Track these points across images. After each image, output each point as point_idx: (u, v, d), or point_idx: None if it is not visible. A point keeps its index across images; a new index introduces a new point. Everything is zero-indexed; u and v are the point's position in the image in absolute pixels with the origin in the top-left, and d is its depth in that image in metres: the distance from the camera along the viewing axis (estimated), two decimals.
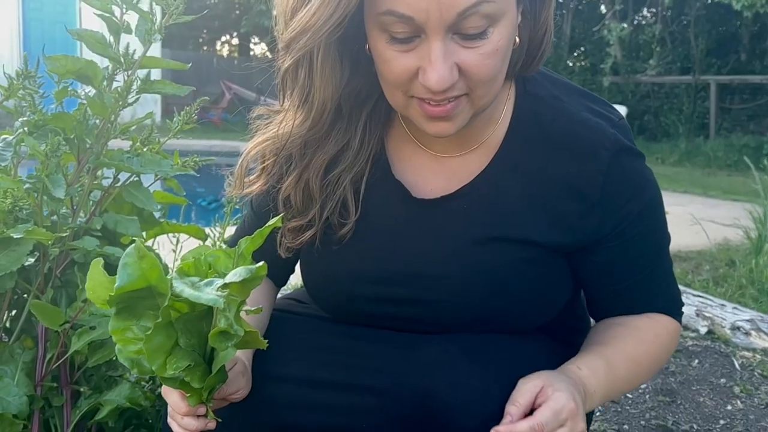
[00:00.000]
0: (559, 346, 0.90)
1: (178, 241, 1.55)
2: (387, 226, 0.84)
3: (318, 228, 0.85)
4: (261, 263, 0.61)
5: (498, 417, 0.73)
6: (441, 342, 0.80)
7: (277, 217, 0.67)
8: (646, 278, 0.85)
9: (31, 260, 1.04)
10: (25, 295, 1.02)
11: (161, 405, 1.12)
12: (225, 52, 20.25)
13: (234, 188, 0.89)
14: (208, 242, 1.35)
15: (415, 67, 0.70)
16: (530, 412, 0.71)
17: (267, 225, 0.65)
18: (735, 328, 2.11)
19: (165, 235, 1.28)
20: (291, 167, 0.85)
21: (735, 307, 2.25)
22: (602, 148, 0.79)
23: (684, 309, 0.92)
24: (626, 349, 0.84)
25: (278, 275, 0.97)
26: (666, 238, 0.88)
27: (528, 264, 0.81)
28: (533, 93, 0.83)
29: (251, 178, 0.88)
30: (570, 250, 0.82)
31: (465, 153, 0.84)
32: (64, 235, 0.94)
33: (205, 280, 0.62)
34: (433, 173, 0.85)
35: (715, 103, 10.11)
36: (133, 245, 0.61)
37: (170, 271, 1.27)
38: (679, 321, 0.90)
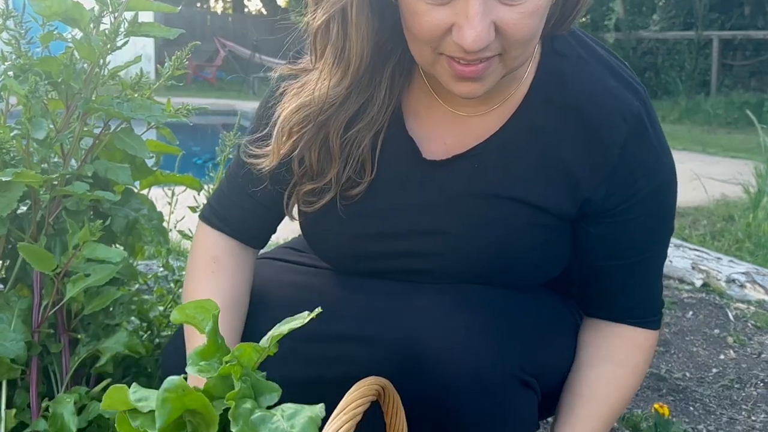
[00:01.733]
0: (553, 296, 0.90)
1: (173, 193, 1.54)
2: (395, 185, 0.82)
3: (337, 191, 0.81)
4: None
5: (484, 366, 0.73)
6: (431, 292, 0.80)
7: None
8: (636, 264, 0.83)
9: (24, 208, 1.03)
10: (19, 244, 1.01)
11: (160, 354, 1.13)
12: (219, 8, 19.85)
13: (271, 158, 0.82)
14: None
15: (448, 22, 0.66)
16: None
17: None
18: (730, 281, 2.13)
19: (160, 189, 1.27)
20: (309, 126, 0.80)
21: (731, 260, 2.26)
22: (623, 121, 0.76)
23: (680, 262, 0.92)
24: (609, 406, 0.84)
25: (261, 236, 0.94)
26: (668, 230, 0.85)
27: (534, 228, 0.80)
28: (560, 52, 0.80)
29: (276, 145, 0.81)
30: (574, 218, 0.81)
31: (484, 113, 0.80)
32: (55, 181, 0.93)
33: (258, 414, 0.54)
34: (449, 129, 0.82)
35: (717, 60, 9.97)
36: (173, 379, 0.54)
37: (167, 224, 1.26)
38: (658, 327, 0.89)
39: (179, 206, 1.61)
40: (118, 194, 1.04)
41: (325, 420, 0.51)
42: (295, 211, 0.88)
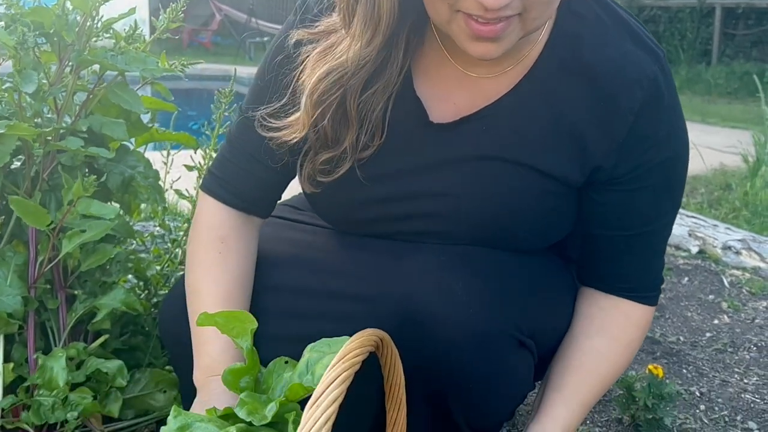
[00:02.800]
0: (553, 259, 0.90)
1: (168, 153, 1.53)
2: (401, 148, 0.80)
3: (354, 158, 0.78)
4: None
5: (482, 325, 0.73)
6: (430, 251, 0.79)
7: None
8: (637, 237, 0.82)
9: (17, 164, 1.02)
10: (11, 198, 1.00)
11: (157, 313, 1.13)
12: None
13: (300, 128, 0.78)
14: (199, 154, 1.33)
15: None
16: None
17: None
18: (726, 248, 2.13)
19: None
20: (339, 92, 0.76)
21: (728, 228, 2.26)
22: (639, 87, 0.74)
23: (676, 229, 0.91)
24: (600, 377, 0.84)
25: (268, 204, 0.90)
26: (674, 205, 0.83)
27: (540, 194, 0.78)
28: (578, 13, 0.76)
29: (305, 115, 0.77)
30: (581, 186, 0.79)
31: (496, 75, 0.78)
32: (49, 136, 0.92)
33: None
34: (459, 90, 0.79)
35: (719, 29, 9.85)
36: None
37: (163, 184, 1.25)
38: (655, 304, 0.88)
39: (175, 168, 1.60)
40: (113, 151, 1.02)
41: None
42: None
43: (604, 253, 0.85)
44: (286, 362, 0.62)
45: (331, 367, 0.52)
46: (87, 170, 1.05)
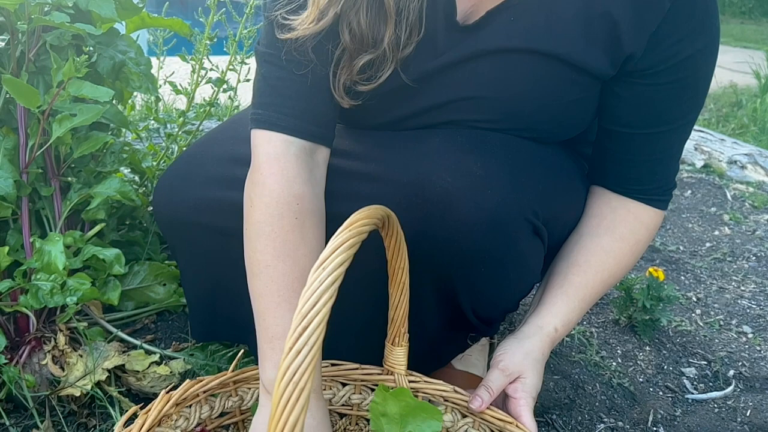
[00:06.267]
0: (568, 152, 0.87)
1: (162, 53, 1.46)
2: (436, 44, 0.74)
3: (396, 57, 0.71)
4: None
5: (498, 207, 0.70)
6: (447, 134, 0.75)
7: None
8: (656, 135, 0.79)
9: (1, 44, 0.97)
10: (3, 76, 0.96)
11: (155, 211, 1.11)
12: None
13: (311, 16, 0.68)
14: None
15: None
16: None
17: None
18: (732, 162, 2.10)
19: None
20: None
21: (735, 142, 2.22)
22: None
23: None
24: (604, 276, 0.82)
25: (329, 121, 0.75)
26: (696, 105, 0.79)
27: (567, 85, 0.74)
28: None
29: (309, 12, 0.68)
30: (609, 78, 0.75)
31: None
32: (33, 12, 0.86)
33: None
34: None
35: None
36: None
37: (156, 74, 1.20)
38: (665, 208, 0.85)
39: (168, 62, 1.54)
40: (103, 31, 0.97)
41: None
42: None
43: (621, 152, 0.82)
44: None
45: (337, 234, 0.50)
46: (76, 54, 0.99)
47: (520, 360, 0.73)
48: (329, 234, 0.52)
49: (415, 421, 0.65)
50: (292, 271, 0.67)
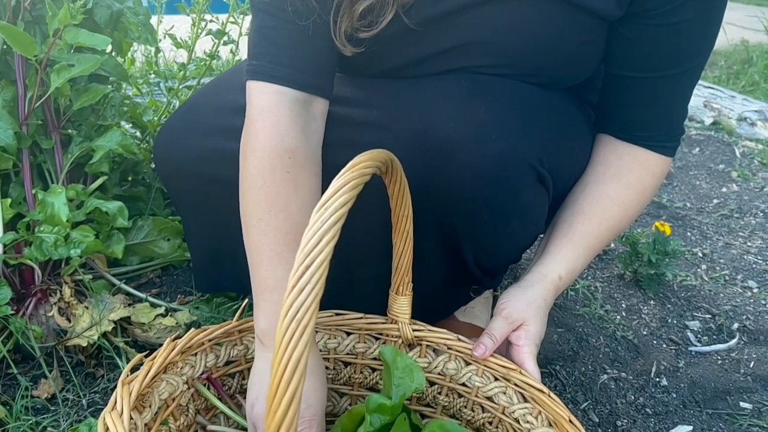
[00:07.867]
0: (573, 99, 0.85)
1: (161, 7, 1.43)
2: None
3: (397, 3, 0.69)
4: None
5: (504, 151, 0.69)
6: (452, 79, 0.73)
7: None
8: (663, 79, 0.77)
9: None
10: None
11: (156, 162, 1.10)
12: None
13: None
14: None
15: None
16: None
17: None
18: (741, 119, 2.07)
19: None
20: None
21: (745, 99, 2.18)
22: None
23: (692, 100, 0.84)
24: (610, 224, 0.80)
25: (327, 72, 0.73)
26: (705, 48, 0.77)
27: (574, 28, 0.72)
28: None
29: None
30: (616, 19, 0.73)
31: None
32: None
33: None
34: None
35: None
36: None
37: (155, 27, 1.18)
38: (672, 155, 0.83)
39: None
40: None
41: None
42: None
43: (627, 97, 0.80)
44: None
45: (339, 176, 0.49)
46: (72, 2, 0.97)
47: (523, 307, 0.73)
48: (329, 183, 0.51)
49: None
50: (284, 224, 0.66)
